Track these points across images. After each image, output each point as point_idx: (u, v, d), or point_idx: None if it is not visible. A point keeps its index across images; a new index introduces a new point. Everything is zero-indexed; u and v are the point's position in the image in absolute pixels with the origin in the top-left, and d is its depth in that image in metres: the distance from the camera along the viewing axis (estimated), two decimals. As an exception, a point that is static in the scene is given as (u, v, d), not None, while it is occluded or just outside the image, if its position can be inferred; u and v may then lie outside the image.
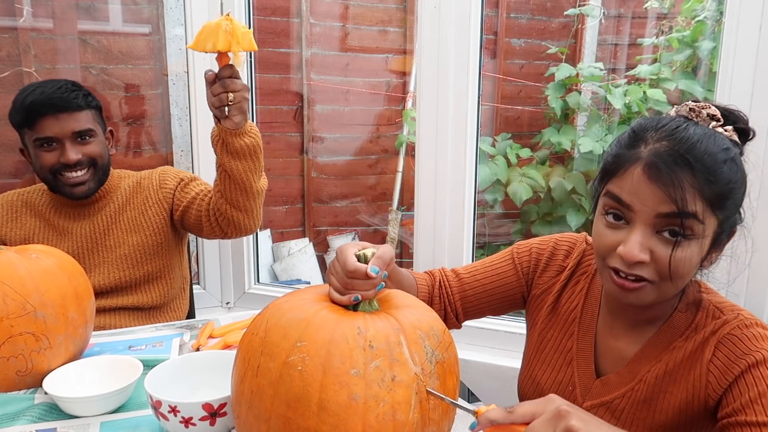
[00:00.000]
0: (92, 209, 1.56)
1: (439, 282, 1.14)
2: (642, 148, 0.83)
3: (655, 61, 2.54)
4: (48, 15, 2.07)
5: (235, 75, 1.30)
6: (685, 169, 0.79)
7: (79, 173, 1.48)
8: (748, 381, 0.81)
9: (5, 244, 1.52)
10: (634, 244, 0.81)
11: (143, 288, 1.58)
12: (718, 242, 0.85)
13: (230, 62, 1.28)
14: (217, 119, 1.37)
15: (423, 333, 0.76)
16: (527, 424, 0.69)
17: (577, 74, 2.44)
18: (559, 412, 0.68)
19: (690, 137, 0.81)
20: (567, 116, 2.57)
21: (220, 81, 1.30)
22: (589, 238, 1.07)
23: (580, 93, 2.47)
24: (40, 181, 1.56)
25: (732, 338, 0.85)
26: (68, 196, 1.51)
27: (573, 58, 2.71)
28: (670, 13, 2.57)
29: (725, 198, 0.81)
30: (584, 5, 2.68)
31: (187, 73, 1.97)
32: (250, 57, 2.02)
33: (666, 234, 0.81)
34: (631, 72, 2.59)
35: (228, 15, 1.23)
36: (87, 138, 1.48)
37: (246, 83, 1.34)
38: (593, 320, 1.00)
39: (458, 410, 0.78)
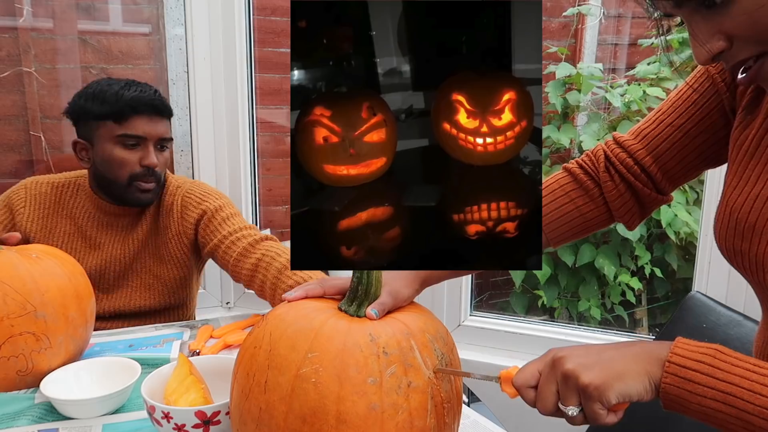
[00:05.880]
0: (126, 222, 1.51)
1: (605, 158, 0.90)
2: None
3: (655, 61, 2.54)
4: (48, 15, 2.06)
5: None
6: None
7: (152, 181, 1.45)
8: None
9: (28, 240, 1.47)
10: None
11: (161, 315, 1.56)
12: None
13: None
14: None
15: (432, 336, 0.74)
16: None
17: (578, 74, 2.44)
18: (554, 362, 0.69)
19: None
20: (567, 115, 2.57)
21: None
22: None
23: (579, 91, 2.47)
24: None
25: None
26: (133, 202, 1.46)
27: (573, 58, 2.71)
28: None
29: None
30: (584, 4, 2.68)
31: (187, 73, 1.97)
32: (251, 80, 2.00)
33: None
34: (631, 72, 2.59)
35: None
36: (165, 147, 1.48)
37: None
38: None
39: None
